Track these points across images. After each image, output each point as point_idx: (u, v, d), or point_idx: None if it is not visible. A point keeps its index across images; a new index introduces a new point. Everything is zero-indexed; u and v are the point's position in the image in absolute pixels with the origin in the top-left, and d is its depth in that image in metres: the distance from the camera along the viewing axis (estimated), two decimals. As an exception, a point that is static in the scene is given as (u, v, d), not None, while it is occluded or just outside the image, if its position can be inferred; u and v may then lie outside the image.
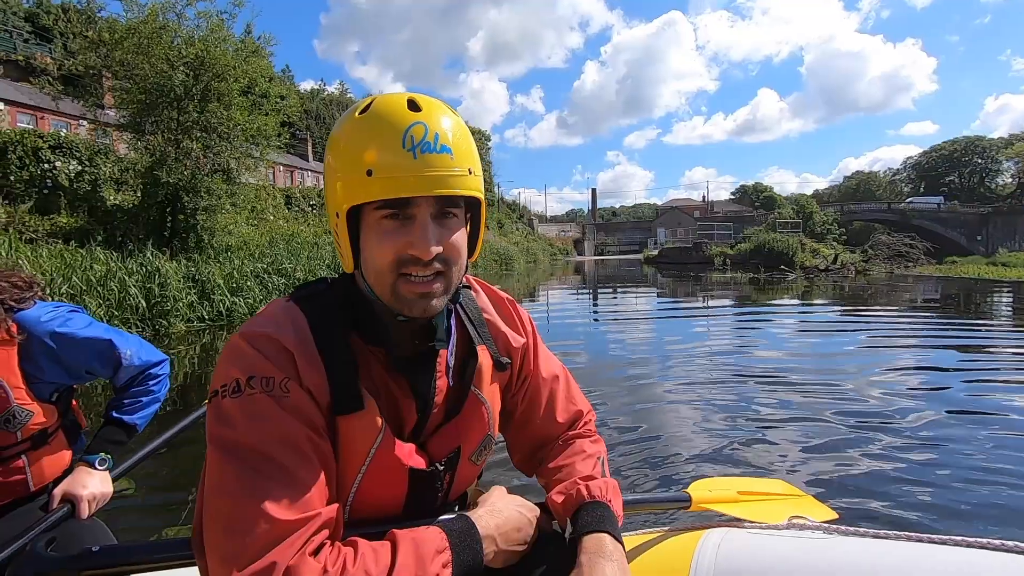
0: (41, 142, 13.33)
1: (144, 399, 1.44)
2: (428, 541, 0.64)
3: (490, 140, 55.63)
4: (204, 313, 9.81)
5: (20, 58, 25.33)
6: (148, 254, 9.95)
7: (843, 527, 1.07)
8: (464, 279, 0.85)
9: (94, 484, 1.30)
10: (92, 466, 1.32)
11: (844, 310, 11.87)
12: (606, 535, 0.74)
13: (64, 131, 15.84)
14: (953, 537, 0.97)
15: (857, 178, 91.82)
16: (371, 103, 0.68)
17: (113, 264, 8.95)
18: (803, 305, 13.04)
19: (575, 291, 18.99)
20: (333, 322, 0.71)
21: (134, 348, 1.41)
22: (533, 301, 15.31)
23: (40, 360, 1.26)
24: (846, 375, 5.72)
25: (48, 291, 1.49)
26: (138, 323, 8.37)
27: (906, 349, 7.46)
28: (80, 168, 13.58)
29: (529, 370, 0.90)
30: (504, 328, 0.88)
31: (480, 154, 0.72)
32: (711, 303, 13.94)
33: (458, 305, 0.83)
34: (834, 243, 35.58)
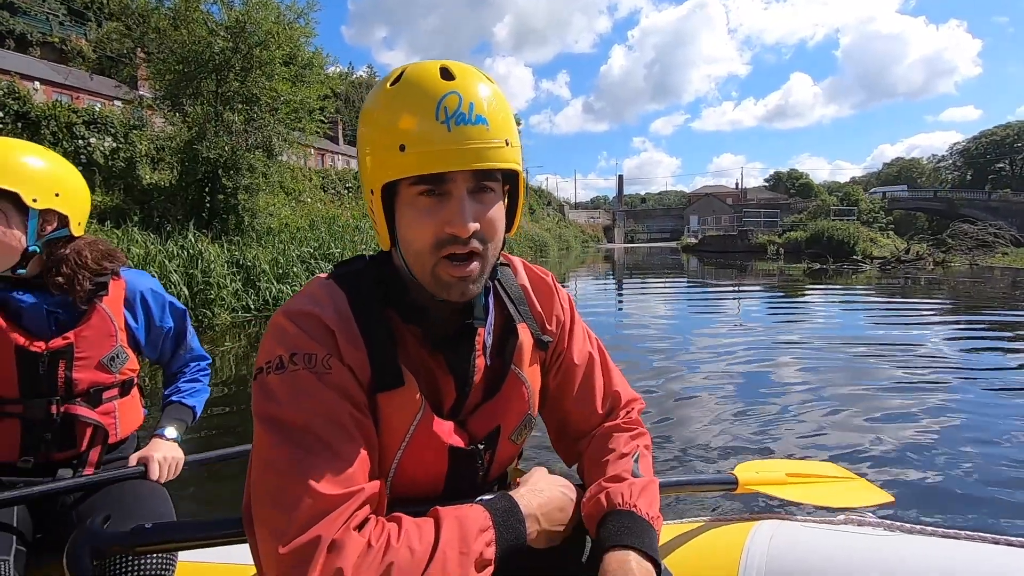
0: (75, 117, 12.56)
1: (198, 386, 1.50)
2: (472, 519, 0.64)
3: (520, 124, 54.13)
4: (250, 302, 8.89)
5: (56, 40, 25.72)
6: (190, 236, 9.01)
7: (906, 524, 1.04)
8: (502, 256, 0.82)
9: (165, 449, 1.35)
10: (162, 437, 1.37)
11: (945, 306, 10.46)
12: (631, 552, 0.68)
13: (99, 107, 15.07)
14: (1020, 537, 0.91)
15: (898, 165, 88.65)
16: (402, 72, 0.66)
17: (152, 247, 8.00)
18: (909, 302, 11.62)
19: (627, 281, 17.74)
20: (372, 300, 0.71)
21: (193, 333, 1.49)
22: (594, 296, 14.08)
23: (137, 310, 1.35)
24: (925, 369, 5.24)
25: None
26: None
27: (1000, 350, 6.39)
28: (115, 145, 12.79)
29: (564, 348, 0.87)
30: (543, 306, 0.86)
31: None
32: (805, 297, 12.57)
33: (496, 282, 0.81)
34: (890, 232, 33.64)
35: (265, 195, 12.56)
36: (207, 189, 11.38)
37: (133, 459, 1.32)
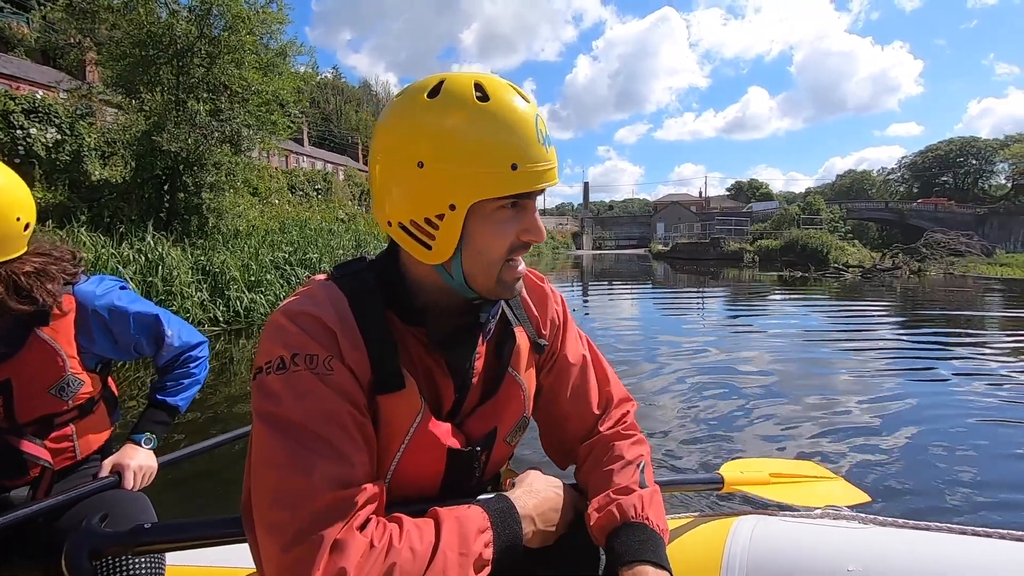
0: (12, 104, 11.18)
1: (186, 381, 1.46)
2: (471, 519, 0.64)
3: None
4: (218, 314, 7.79)
5: None
6: (149, 238, 7.86)
7: (880, 517, 1.08)
8: None
9: (140, 458, 1.35)
10: (138, 444, 1.37)
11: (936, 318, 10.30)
12: (648, 567, 0.68)
13: (41, 94, 13.57)
14: (999, 531, 0.96)
15: (850, 177, 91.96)
16: (482, 87, 0.65)
17: (102, 250, 6.79)
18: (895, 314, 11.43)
19: (607, 288, 17.20)
20: (372, 301, 0.70)
21: (176, 328, 1.43)
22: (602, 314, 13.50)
23: (93, 332, 1.29)
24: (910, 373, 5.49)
25: None
26: None
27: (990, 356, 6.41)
28: (60, 137, 11.43)
29: (558, 349, 0.88)
30: (539, 309, 0.87)
31: None
32: (793, 307, 12.26)
33: None
34: (855, 241, 34.47)
35: (231, 195, 11.43)
36: (166, 187, 10.21)
37: (107, 465, 1.32)
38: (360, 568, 0.55)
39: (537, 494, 0.74)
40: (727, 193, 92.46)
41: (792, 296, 13.94)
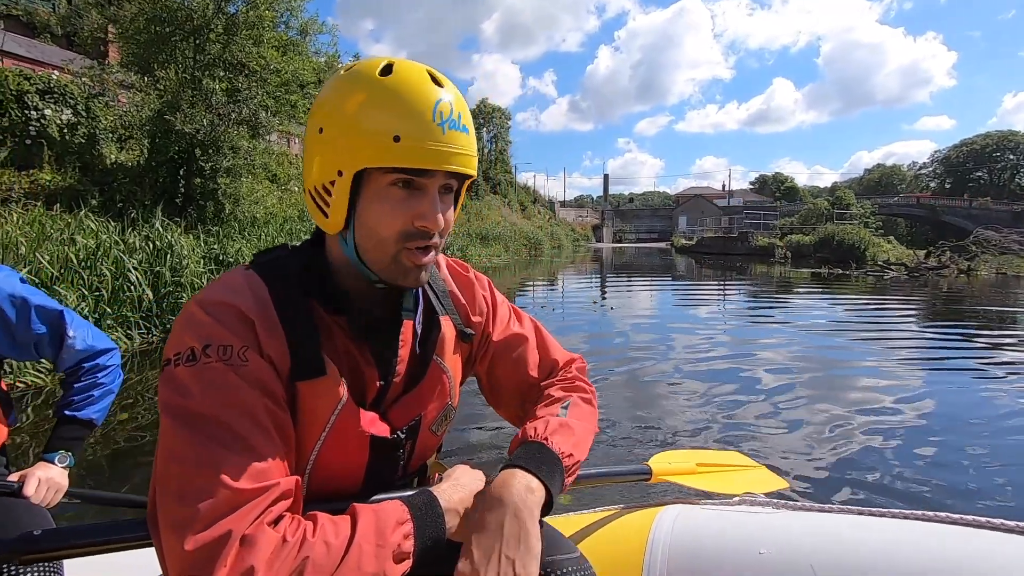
0: (27, 84, 10.76)
1: (95, 392, 1.35)
2: (388, 512, 0.63)
3: (510, 119, 52.65)
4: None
5: (20, 13, 23.99)
6: (157, 224, 7.33)
7: (790, 503, 1.16)
8: None
9: (49, 471, 1.26)
10: (52, 463, 1.28)
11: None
12: (518, 470, 0.69)
13: (56, 75, 13.18)
14: (891, 510, 1.06)
15: (879, 171, 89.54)
16: (390, 66, 0.66)
17: (104, 236, 6.22)
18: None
19: (654, 286, 16.41)
20: (294, 288, 0.69)
21: (81, 330, 1.34)
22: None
23: None
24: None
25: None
26: (141, 322, 5.69)
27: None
28: (75, 119, 11.01)
29: (490, 331, 0.89)
30: (466, 297, 0.88)
31: (499, 133, 12.37)
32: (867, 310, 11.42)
33: None
34: (891, 238, 33.13)
35: (248, 180, 10.91)
36: (181, 171, 9.72)
37: (14, 478, 1.23)
38: (271, 564, 0.53)
39: (463, 488, 0.71)
40: (751, 186, 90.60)
41: (841, 295, 13.06)
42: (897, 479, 3.09)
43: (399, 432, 0.75)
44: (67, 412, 1.32)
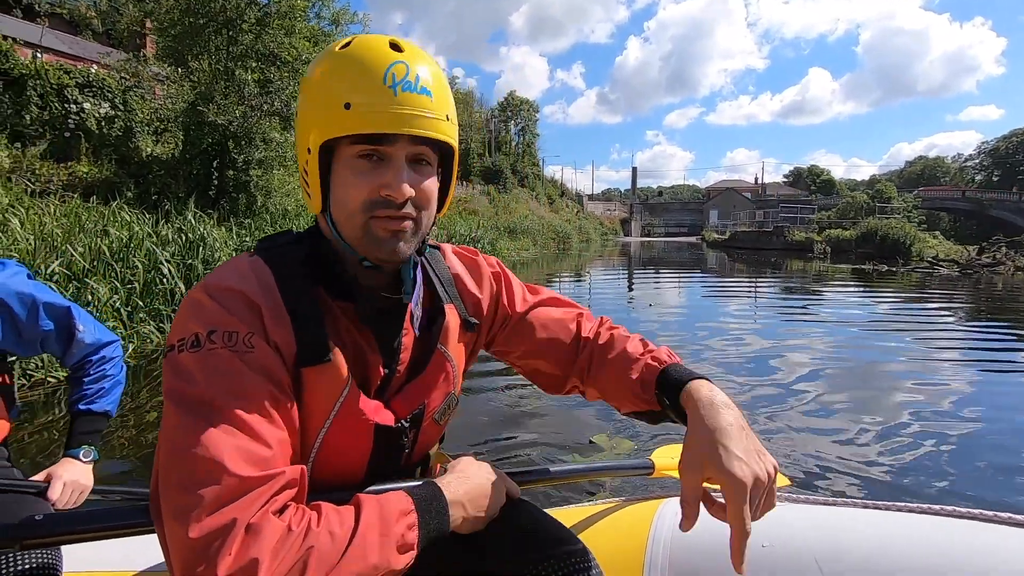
0: (67, 78, 10.92)
1: (106, 384, 1.36)
2: (392, 502, 0.63)
3: (538, 112, 52.07)
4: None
5: (64, 11, 24.60)
6: (190, 216, 7.29)
7: (791, 495, 1.16)
8: (431, 242, 0.84)
9: (76, 473, 1.25)
10: (76, 459, 1.27)
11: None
12: (705, 381, 0.72)
13: (95, 69, 13.38)
14: (897, 503, 1.06)
15: (921, 163, 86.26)
16: (352, 40, 0.67)
17: (137, 228, 6.16)
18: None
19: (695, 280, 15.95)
20: (299, 274, 0.69)
21: (88, 324, 1.34)
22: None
23: None
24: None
25: (41, 264, 1.73)
26: (173, 315, 5.62)
27: None
28: (113, 112, 11.12)
29: (507, 310, 0.88)
30: (473, 288, 0.86)
31: (527, 126, 12.60)
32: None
33: (424, 260, 0.82)
34: (937, 233, 31.75)
35: (281, 172, 10.88)
36: (215, 163, 9.71)
37: (39, 477, 1.23)
38: (276, 552, 0.52)
39: (468, 480, 0.72)
40: (785, 180, 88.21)
41: (887, 291, 12.38)
42: (913, 474, 3.01)
43: (403, 421, 0.74)
44: (82, 407, 1.32)
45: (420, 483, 0.69)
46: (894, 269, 17.22)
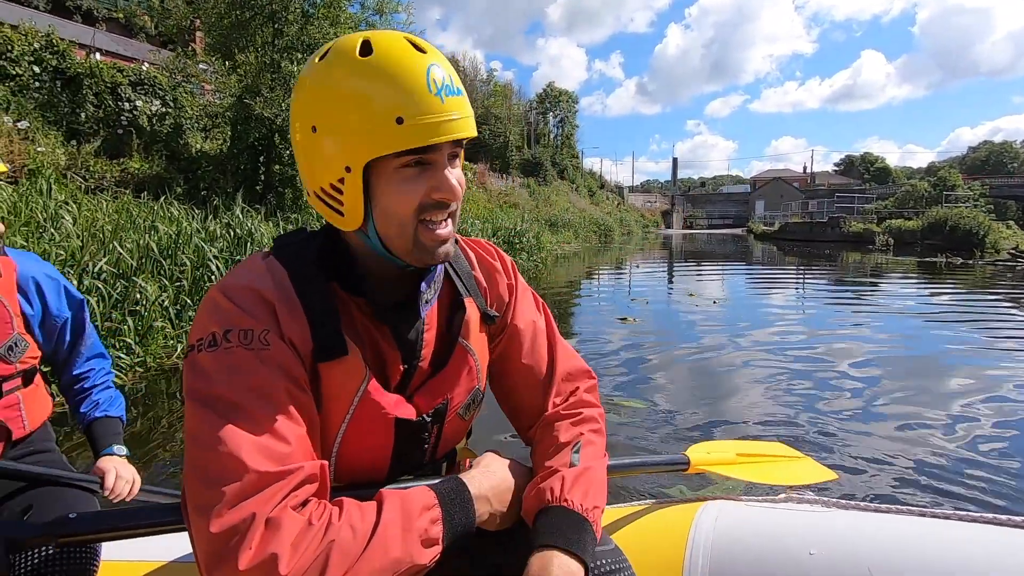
0: (120, 76, 11.10)
1: (113, 392, 1.38)
2: (415, 497, 0.63)
3: (577, 103, 51.16)
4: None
5: (120, 16, 25.66)
6: (238, 211, 7.15)
7: (843, 501, 1.10)
8: None
9: (124, 468, 1.26)
10: (113, 455, 1.27)
11: None
12: (555, 552, 0.66)
13: (147, 65, 13.61)
14: (957, 512, 1.00)
15: (986, 149, 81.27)
16: (366, 43, 0.63)
17: (187, 223, 6.02)
18: None
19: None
20: (312, 271, 0.69)
21: (91, 327, 1.37)
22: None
23: (31, 298, 1.24)
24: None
25: (89, 262, 1.71)
26: None
27: None
28: (163, 109, 11.25)
29: (510, 313, 0.86)
30: (488, 278, 0.85)
31: (567, 117, 11.16)
32: None
33: None
34: (1011, 223, 29.58)
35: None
36: (261, 157, 9.64)
37: (97, 472, 1.24)
38: (296, 546, 0.53)
39: (493, 475, 0.72)
40: (835, 169, 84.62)
41: (971, 286, 11.39)
42: (971, 482, 2.76)
43: (425, 415, 0.73)
44: (98, 414, 1.32)
45: (443, 478, 0.69)
46: (970, 262, 15.95)
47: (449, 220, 0.68)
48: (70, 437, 2.96)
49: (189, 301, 5.01)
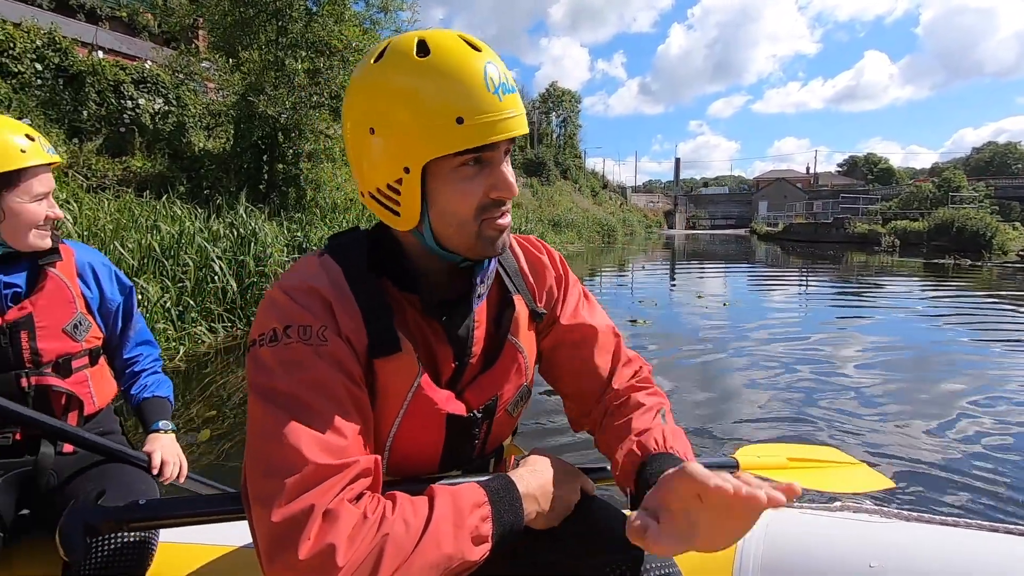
0: (123, 74, 11.01)
1: (162, 377, 1.43)
2: (466, 495, 0.63)
3: (580, 102, 50.98)
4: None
5: (123, 15, 25.82)
6: (241, 210, 7.04)
7: (904, 511, 1.06)
8: None
9: (168, 446, 1.30)
10: (159, 432, 1.32)
11: None
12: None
13: (149, 63, 13.51)
14: (1019, 526, 0.94)
15: (990, 150, 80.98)
16: (422, 43, 0.62)
17: (189, 223, 5.92)
18: None
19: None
20: (366, 269, 0.70)
21: (139, 313, 1.41)
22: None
23: (88, 283, 1.30)
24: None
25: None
26: (225, 314, 5.31)
27: None
28: (166, 108, 11.15)
29: (559, 313, 0.86)
30: (537, 275, 0.86)
31: (569, 117, 10.99)
32: None
33: None
34: (1017, 224, 29.38)
35: (330, 165, 10.65)
36: (265, 156, 9.54)
37: (146, 452, 1.27)
38: (352, 538, 0.54)
39: (541, 474, 0.72)
40: (838, 169, 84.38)
41: (978, 289, 11.25)
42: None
43: (475, 412, 0.74)
44: (147, 395, 1.37)
45: (492, 476, 0.69)
46: (979, 264, 15.77)
47: (508, 214, 0.70)
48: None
49: (191, 302, 4.90)
